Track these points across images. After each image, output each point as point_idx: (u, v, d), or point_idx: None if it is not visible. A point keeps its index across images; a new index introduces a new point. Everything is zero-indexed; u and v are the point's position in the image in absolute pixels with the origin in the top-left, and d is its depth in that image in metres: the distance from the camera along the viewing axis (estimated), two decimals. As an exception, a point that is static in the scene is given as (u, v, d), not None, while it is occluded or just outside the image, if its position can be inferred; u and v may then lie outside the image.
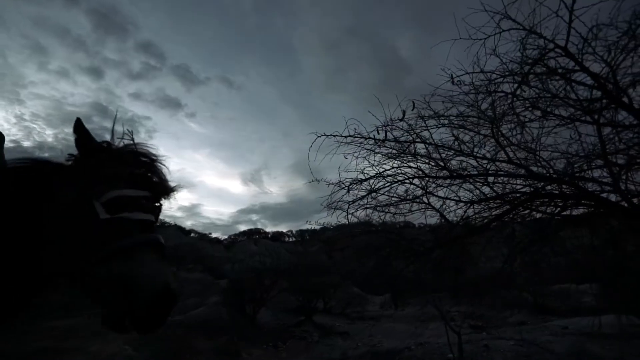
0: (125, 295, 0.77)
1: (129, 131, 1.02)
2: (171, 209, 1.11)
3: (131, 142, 1.04)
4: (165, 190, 1.03)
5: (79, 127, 0.97)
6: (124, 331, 0.80)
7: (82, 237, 0.85)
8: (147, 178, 0.99)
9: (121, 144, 1.03)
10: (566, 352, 6.19)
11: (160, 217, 1.04)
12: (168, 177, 1.05)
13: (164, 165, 1.06)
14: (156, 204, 1.00)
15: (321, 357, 8.08)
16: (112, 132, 1.05)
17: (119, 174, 0.92)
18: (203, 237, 45.03)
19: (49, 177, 0.96)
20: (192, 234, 45.20)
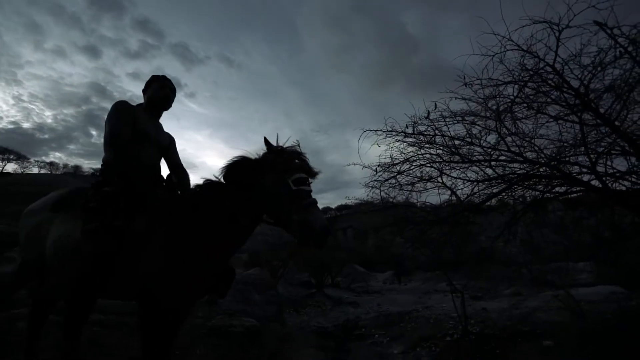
0: (308, 230, 1.58)
1: (297, 141, 1.83)
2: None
3: (292, 146, 1.84)
4: (313, 173, 1.83)
5: (266, 142, 1.79)
6: (309, 248, 1.63)
7: (283, 199, 1.66)
8: (304, 166, 1.79)
9: (287, 147, 1.84)
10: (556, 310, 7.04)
11: None
12: (312, 165, 1.86)
13: (308, 158, 1.87)
14: (310, 182, 1.81)
15: (338, 319, 9.13)
16: (277, 140, 1.85)
17: (295, 165, 1.73)
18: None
19: (257, 167, 1.78)
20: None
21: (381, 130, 3.70)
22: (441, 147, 3.93)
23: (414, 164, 3.89)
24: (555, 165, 3.60)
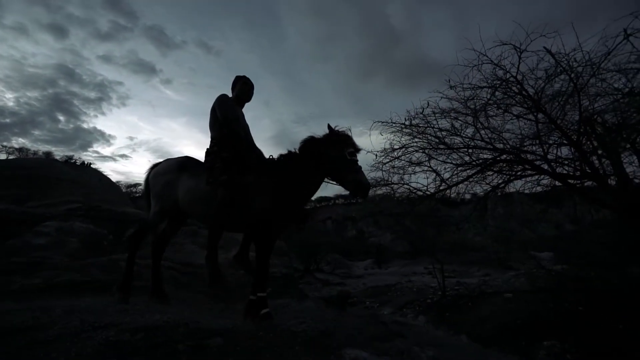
0: (358, 185, 2.49)
1: (348, 127, 2.73)
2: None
3: (344, 130, 2.73)
4: (359, 149, 2.72)
5: (329, 127, 2.66)
6: (356, 198, 2.55)
7: (341, 167, 2.55)
8: (354, 144, 2.69)
9: (341, 131, 2.72)
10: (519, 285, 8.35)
11: None
12: (357, 142, 2.75)
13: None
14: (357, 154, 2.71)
15: (331, 293, 10.17)
16: (334, 127, 2.74)
17: (348, 142, 2.63)
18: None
19: (324, 143, 2.66)
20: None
21: (386, 122, 4.71)
22: (430, 137, 4.95)
23: (408, 150, 4.91)
24: (517, 153, 4.70)
